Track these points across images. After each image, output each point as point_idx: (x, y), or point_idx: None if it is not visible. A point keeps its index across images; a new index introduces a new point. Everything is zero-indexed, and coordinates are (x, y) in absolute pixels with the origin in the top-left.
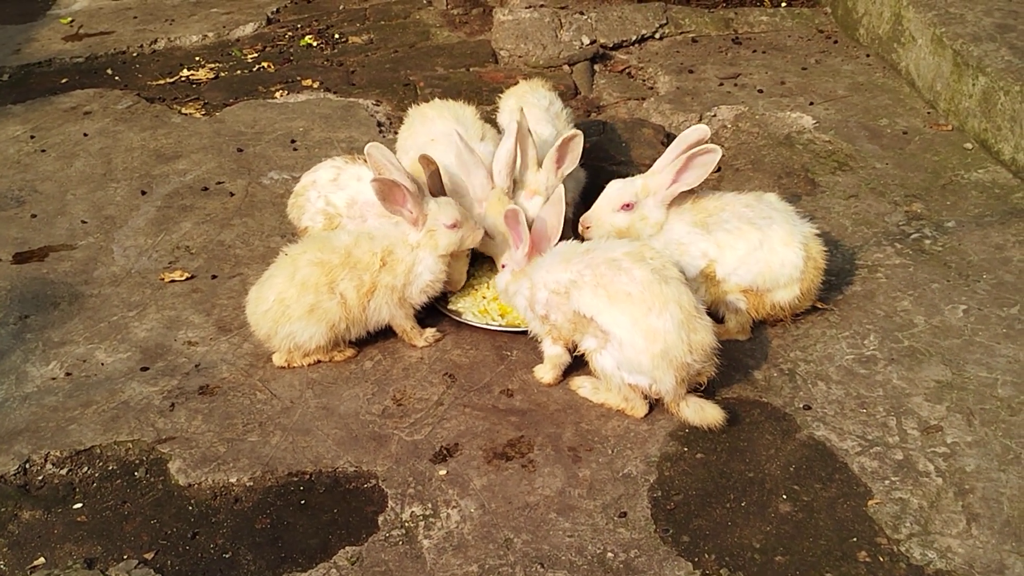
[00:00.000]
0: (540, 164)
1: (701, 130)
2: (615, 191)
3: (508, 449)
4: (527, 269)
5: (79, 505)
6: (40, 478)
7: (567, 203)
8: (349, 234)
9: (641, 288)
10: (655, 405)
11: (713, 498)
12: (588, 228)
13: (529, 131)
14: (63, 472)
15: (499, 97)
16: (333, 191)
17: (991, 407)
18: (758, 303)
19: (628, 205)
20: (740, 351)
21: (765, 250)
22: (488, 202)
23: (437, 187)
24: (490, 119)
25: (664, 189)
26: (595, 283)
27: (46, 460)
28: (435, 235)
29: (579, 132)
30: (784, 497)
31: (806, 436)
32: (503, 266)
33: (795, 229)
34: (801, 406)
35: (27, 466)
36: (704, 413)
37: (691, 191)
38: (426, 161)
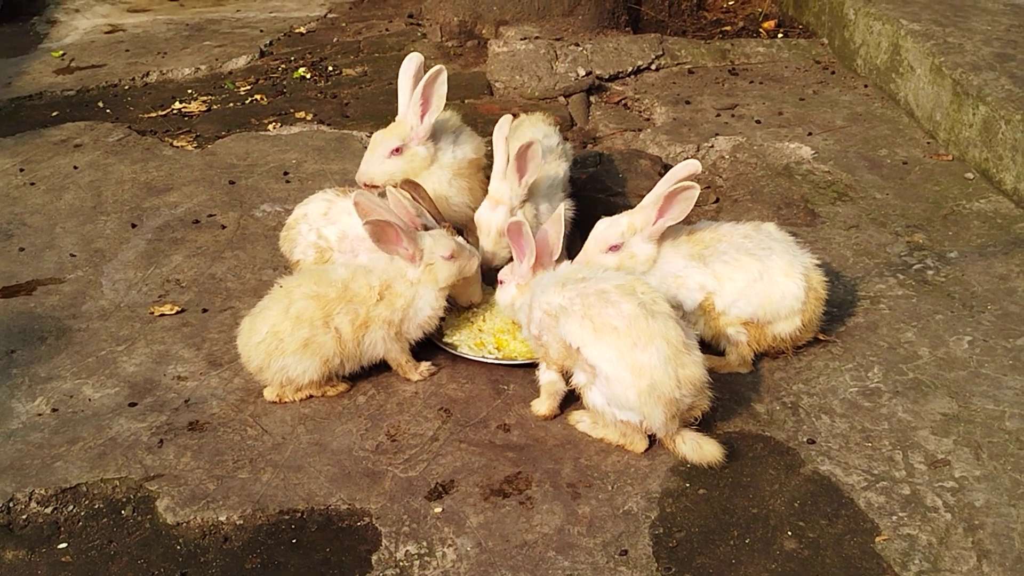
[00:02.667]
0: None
1: (692, 165)
2: (600, 233)
3: (505, 486)
4: (531, 284)
5: (64, 545)
6: (24, 517)
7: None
8: (346, 268)
9: (627, 322)
10: (656, 440)
11: (716, 535)
12: None
13: (507, 142)
14: (48, 511)
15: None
16: (324, 224)
17: (999, 440)
18: (759, 335)
19: (615, 246)
20: (741, 384)
21: (765, 281)
22: None
23: (430, 205)
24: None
25: (650, 225)
26: (583, 314)
27: (30, 498)
28: (434, 268)
29: (534, 140)
30: (789, 534)
31: (811, 471)
32: (501, 281)
33: (795, 259)
34: (805, 440)
35: (11, 504)
36: (702, 450)
37: (687, 222)
38: (411, 186)
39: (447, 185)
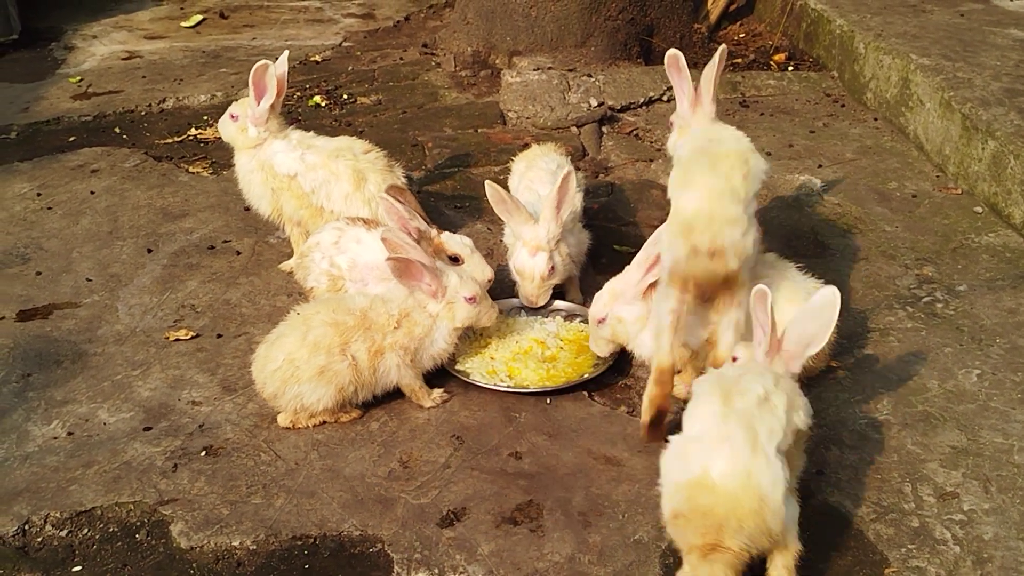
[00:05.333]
0: (536, 218)
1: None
2: (590, 311)
3: (517, 513)
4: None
5: (78, 568)
6: (39, 540)
7: (573, 261)
8: (364, 297)
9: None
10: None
11: None
12: None
13: (509, 195)
14: (63, 534)
15: (511, 160)
16: (336, 253)
17: (1008, 474)
18: None
19: (601, 320)
20: None
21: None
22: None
23: (417, 209)
24: (499, 180)
25: (633, 286)
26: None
27: (46, 521)
28: (454, 308)
29: (571, 169)
30: (799, 565)
31: (820, 502)
32: (671, 123)
33: (798, 286)
34: (814, 471)
35: (26, 527)
36: None
37: None
38: (397, 191)
39: (249, 171)
